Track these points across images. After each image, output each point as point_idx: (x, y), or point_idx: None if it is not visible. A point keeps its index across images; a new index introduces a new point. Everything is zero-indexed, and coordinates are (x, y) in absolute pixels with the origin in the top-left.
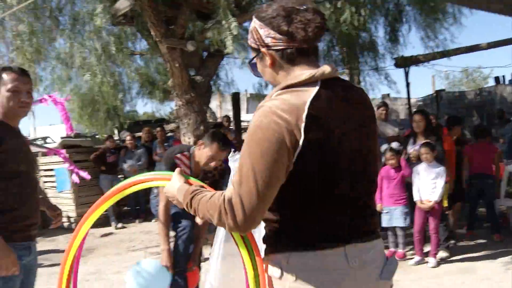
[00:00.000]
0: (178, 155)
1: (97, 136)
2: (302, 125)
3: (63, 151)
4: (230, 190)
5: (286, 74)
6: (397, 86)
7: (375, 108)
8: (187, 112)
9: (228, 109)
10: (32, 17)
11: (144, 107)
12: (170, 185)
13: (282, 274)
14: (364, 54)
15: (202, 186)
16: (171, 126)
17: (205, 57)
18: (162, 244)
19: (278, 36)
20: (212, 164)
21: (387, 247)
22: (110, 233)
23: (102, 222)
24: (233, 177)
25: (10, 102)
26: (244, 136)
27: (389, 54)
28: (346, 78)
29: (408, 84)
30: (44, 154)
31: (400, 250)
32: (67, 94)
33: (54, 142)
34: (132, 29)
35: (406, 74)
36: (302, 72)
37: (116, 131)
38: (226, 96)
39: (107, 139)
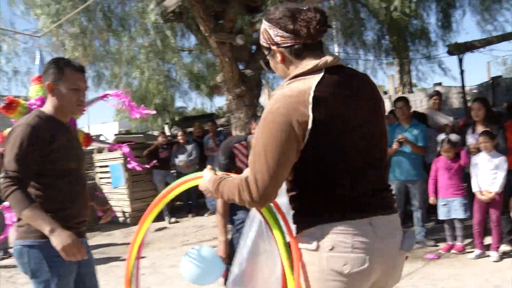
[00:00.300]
0: (236, 145)
1: (148, 133)
2: (310, 106)
3: (125, 145)
4: (248, 171)
5: (295, 67)
6: (451, 74)
7: (428, 98)
8: (238, 106)
9: None
10: (85, 19)
11: (193, 102)
12: (203, 180)
13: (318, 245)
14: (415, 42)
15: (228, 175)
16: (221, 120)
17: (254, 50)
18: (219, 235)
19: (285, 34)
20: None
21: (444, 240)
22: (164, 228)
23: (156, 217)
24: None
25: (69, 100)
26: None
27: (441, 41)
28: (396, 67)
29: (462, 72)
30: (100, 151)
31: (458, 243)
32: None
33: (107, 139)
34: (180, 26)
35: (460, 61)
36: (308, 63)
37: (166, 127)
38: (274, 89)
39: (159, 135)
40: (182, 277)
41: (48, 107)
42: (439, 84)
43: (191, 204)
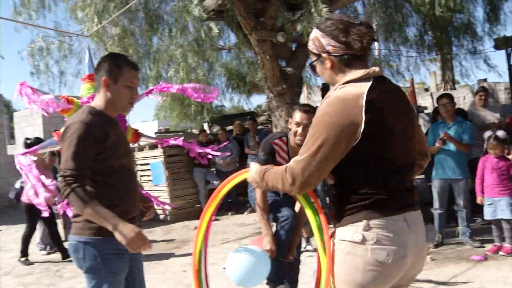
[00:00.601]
0: (276, 141)
1: (188, 131)
2: (363, 109)
3: (172, 139)
4: (292, 161)
5: (343, 75)
6: (497, 69)
7: (472, 94)
8: (279, 104)
9: (315, 101)
10: (127, 20)
11: (231, 102)
12: (250, 171)
13: (363, 238)
14: (460, 37)
15: (273, 167)
16: (261, 119)
17: (295, 48)
18: (264, 230)
19: (337, 44)
20: (299, 130)
21: (491, 241)
22: None
23: (196, 214)
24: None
25: (123, 97)
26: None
27: (487, 35)
28: (438, 64)
29: (510, 67)
30: (141, 149)
31: (507, 245)
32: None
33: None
34: (219, 24)
35: (508, 56)
36: (358, 71)
37: (206, 125)
38: (314, 88)
39: (199, 133)
40: (222, 275)
41: (98, 103)
42: (484, 80)
43: (231, 202)
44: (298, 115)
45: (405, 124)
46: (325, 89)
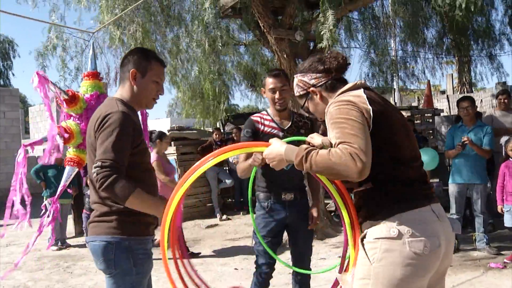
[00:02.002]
0: (254, 116)
1: (201, 129)
2: (367, 101)
3: None
4: (339, 144)
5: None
6: None
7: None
8: (295, 104)
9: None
10: (144, 16)
11: (243, 100)
12: (272, 148)
13: (399, 233)
14: (479, 41)
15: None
16: None
17: (312, 47)
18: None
19: (319, 75)
20: (277, 95)
21: (509, 249)
22: (215, 225)
23: (207, 213)
24: (336, 144)
25: (150, 91)
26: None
27: (506, 40)
28: (455, 66)
29: None
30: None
31: None
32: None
33: None
34: (236, 22)
35: None
36: (346, 85)
37: (219, 124)
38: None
39: (213, 132)
40: (234, 275)
41: (125, 96)
42: (504, 83)
43: (243, 201)
44: (270, 81)
45: (402, 117)
46: None
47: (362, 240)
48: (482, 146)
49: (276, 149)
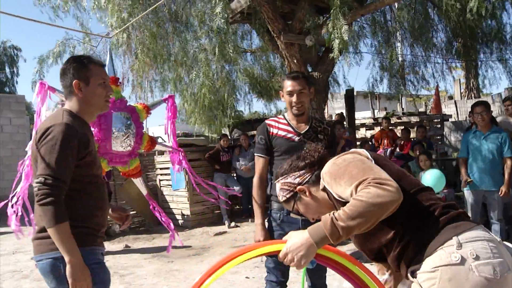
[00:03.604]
0: (269, 120)
1: (207, 135)
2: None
3: (182, 152)
4: (359, 190)
5: (323, 193)
6: None
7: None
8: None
9: (335, 108)
10: (153, 23)
11: (249, 106)
12: (293, 239)
13: (461, 257)
14: (489, 44)
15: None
16: None
17: (322, 52)
18: (256, 219)
19: (301, 172)
20: (294, 99)
21: None
22: (224, 232)
23: (216, 220)
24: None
25: (99, 96)
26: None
27: None
28: (462, 72)
29: None
30: (161, 153)
31: None
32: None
33: (165, 141)
34: (242, 28)
35: None
36: None
37: (226, 130)
38: (335, 94)
39: (220, 138)
40: (245, 284)
41: (74, 108)
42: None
43: (251, 208)
44: (288, 83)
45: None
46: (349, 96)
47: (413, 273)
48: (502, 154)
49: (299, 237)
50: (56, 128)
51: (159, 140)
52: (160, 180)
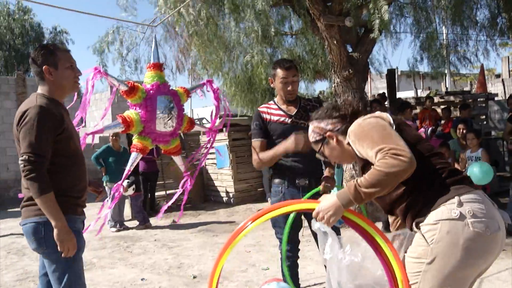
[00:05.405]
0: (261, 108)
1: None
2: (385, 115)
3: (215, 133)
4: (380, 157)
5: (348, 145)
6: None
7: None
8: (345, 89)
9: (379, 88)
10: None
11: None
12: (324, 202)
13: (460, 213)
14: None
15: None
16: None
17: (362, 33)
18: (281, 146)
19: (334, 120)
20: (289, 88)
21: None
22: None
23: (259, 198)
24: (374, 156)
25: (68, 77)
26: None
27: None
28: (510, 48)
29: None
30: (205, 133)
31: None
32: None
33: (209, 122)
34: (282, 10)
35: None
36: None
37: None
38: (373, 74)
39: None
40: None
41: (46, 90)
42: None
43: None
44: (282, 73)
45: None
46: (391, 76)
47: (417, 224)
48: None
49: (329, 200)
50: (31, 110)
51: (204, 122)
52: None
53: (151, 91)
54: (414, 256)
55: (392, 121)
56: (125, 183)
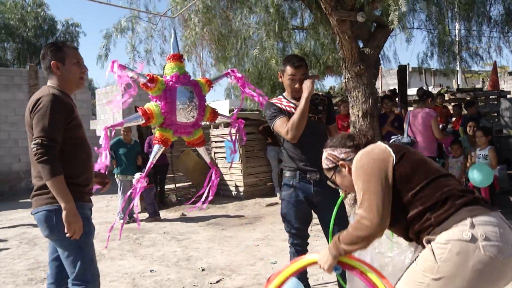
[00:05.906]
0: (273, 100)
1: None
2: (388, 149)
3: (238, 123)
4: (353, 220)
5: None
6: None
7: None
8: (356, 85)
9: (389, 84)
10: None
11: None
12: (321, 254)
13: (472, 236)
14: None
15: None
16: (334, 100)
17: (374, 29)
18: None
19: (348, 150)
20: (297, 86)
21: None
22: (276, 203)
23: (268, 192)
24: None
25: (75, 73)
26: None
27: None
28: None
29: None
30: (216, 127)
31: None
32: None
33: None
34: (293, 4)
35: None
36: None
37: None
38: (384, 70)
39: None
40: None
41: (55, 84)
42: None
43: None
44: (291, 70)
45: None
46: (401, 72)
47: (429, 241)
48: None
49: (324, 253)
50: (45, 98)
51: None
52: (215, 153)
53: (170, 83)
54: (420, 268)
55: (392, 153)
56: (137, 175)
